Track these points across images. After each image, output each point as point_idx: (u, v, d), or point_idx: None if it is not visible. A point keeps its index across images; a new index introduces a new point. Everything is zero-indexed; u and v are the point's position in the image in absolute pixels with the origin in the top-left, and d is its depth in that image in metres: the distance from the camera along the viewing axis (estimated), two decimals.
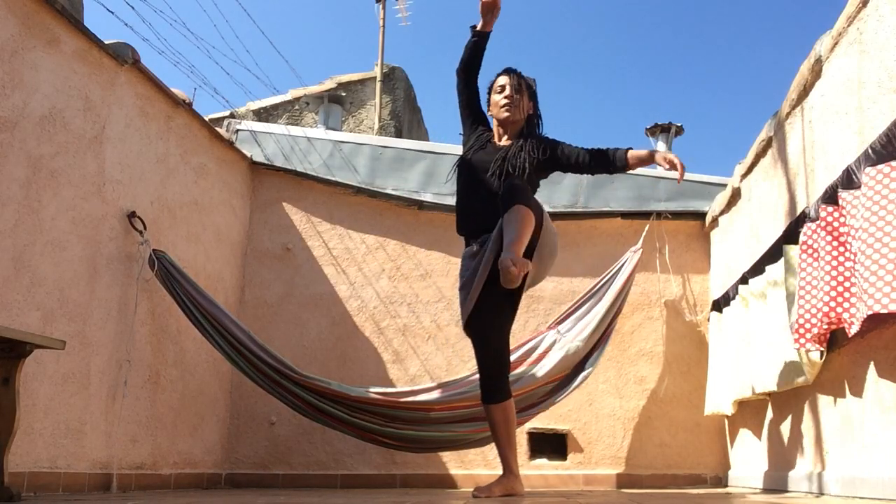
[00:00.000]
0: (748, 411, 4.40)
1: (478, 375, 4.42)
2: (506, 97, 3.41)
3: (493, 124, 3.52)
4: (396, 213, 5.34)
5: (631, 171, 5.41)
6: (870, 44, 2.87)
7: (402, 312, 5.21)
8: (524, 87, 3.45)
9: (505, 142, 3.43)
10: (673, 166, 3.21)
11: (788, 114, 3.76)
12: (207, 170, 4.77)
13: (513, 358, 4.48)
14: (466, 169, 3.41)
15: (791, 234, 3.45)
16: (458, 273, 3.54)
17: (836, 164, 3.11)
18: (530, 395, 4.36)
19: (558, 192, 5.33)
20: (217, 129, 4.99)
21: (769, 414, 4.07)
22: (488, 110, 3.53)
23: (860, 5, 2.93)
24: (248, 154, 5.33)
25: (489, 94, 3.52)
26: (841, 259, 2.84)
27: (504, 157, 3.31)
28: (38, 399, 3.27)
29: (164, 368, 4.23)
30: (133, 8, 4.32)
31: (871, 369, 2.88)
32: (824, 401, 3.34)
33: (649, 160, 3.32)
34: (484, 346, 3.26)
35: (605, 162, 3.34)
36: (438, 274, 5.23)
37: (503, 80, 3.47)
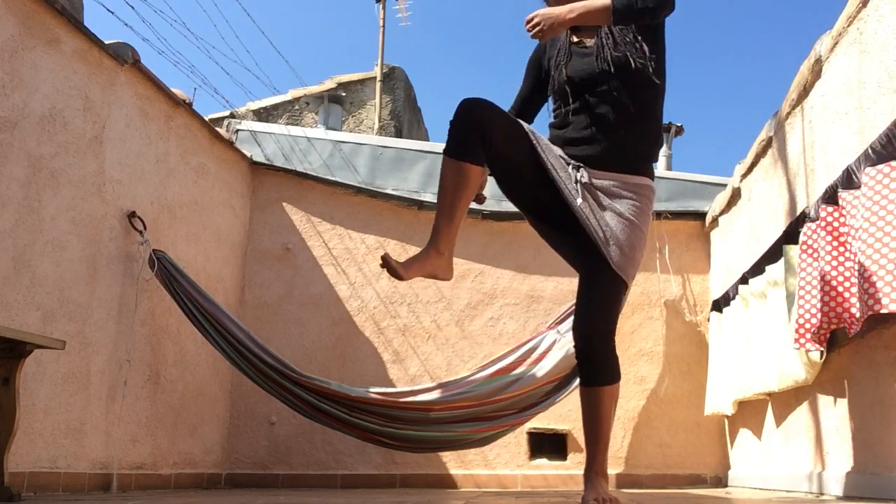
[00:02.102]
0: (748, 411, 4.40)
1: (478, 375, 4.44)
2: None
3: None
4: (396, 213, 5.34)
5: None
6: (870, 44, 2.87)
7: (402, 312, 5.21)
8: None
9: (580, 36, 2.51)
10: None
11: (788, 114, 3.76)
12: (207, 170, 4.77)
13: (512, 358, 4.48)
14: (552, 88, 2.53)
15: (791, 234, 3.45)
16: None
17: (836, 164, 3.11)
18: (530, 395, 4.36)
19: None
20: (217, 129, 4.99)
21: (769, 414, 4.07)
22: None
23: (860, 5, 2.93)
24: (248, 154, 5.33)
25: None
26: (841, 259, 2.84)
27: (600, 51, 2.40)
28: (38, 399, 3.27)
29: (164, 368, 4.23)
30: (133, 8, 4.33)
31: (871, 369, 2.88)
32: (824, 401, 3.34)
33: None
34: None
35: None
36: None
37: None
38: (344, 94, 10.00)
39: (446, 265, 2.36)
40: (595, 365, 2.41)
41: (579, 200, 2.38)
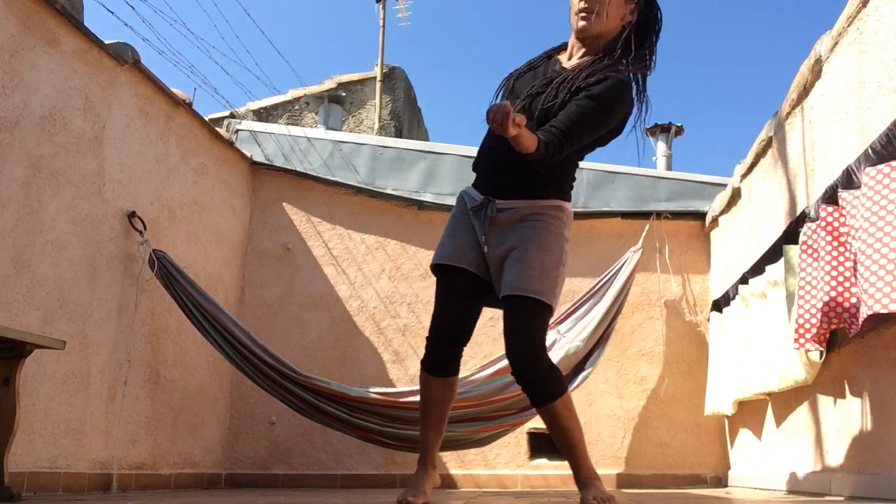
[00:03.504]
0: (748, 411, 4.40)
1: (478, 375, 4.44)
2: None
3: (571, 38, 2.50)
4: (396, 213, 5.34)
5: (631, 172, 5.48)
6: (870, 44, 2.87)
7: (402, 312, 5.21)
8: None
9: (576, 61, 2.43)
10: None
11: (788, 114, 3.76)
12: (207, 170, 4.77)
13: None
14: (504, 96, 2.48)
15: (791, 234, 3.45)
16: None
17: (836, 164, 3.11)
18: None
19: None
20: (217, 129, 4.99)
21: (769, 414, 4.07)
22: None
23: (860, 5, 2.93)
24: (248, 154, 5.33)
25: None
26: (841, 259, 2.84)
27: (551, 81, 2.36)
28: (38, 399, 3.27)
29: (164, 368, 4.23)
30: (133, 8, 4.32)
31: (871, 369, 2.88)
32: (824, 401, 3.34)
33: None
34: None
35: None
36: None
37: None
38: (344, 94, 10.00)
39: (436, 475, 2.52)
40: (536, 387, 2.35)
41: (486, 248, 2.39)
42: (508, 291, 2.32)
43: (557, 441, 2.44)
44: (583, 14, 2.34)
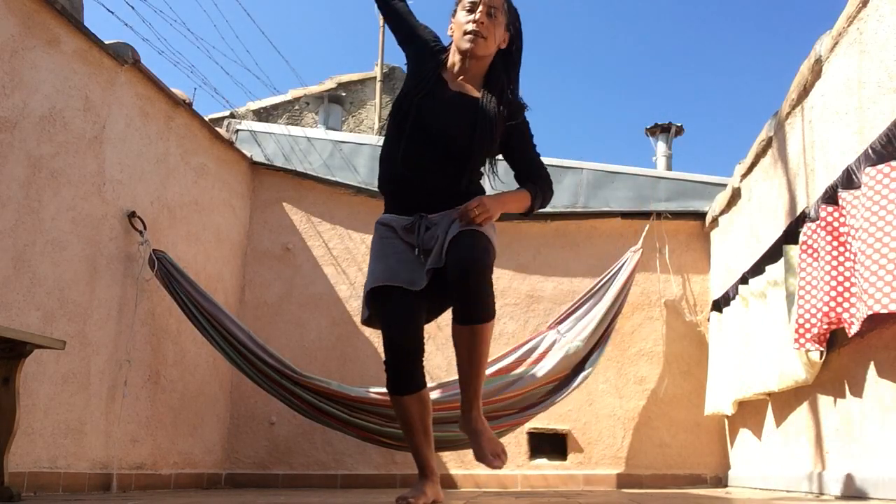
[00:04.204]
0: (748, 411, 4.40)
1: None
2: (474, 21, 2.46)
3: (451, 50, 2.58)
4: None
5: (631, 172, 5.48)
6: (870, 44, 2.87)
7: None
8: (503, 11, 2.52)
9: (461, 82, 2.54)
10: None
11: (788, 114, 3.76)
12: (207, 170, 4.77)
13: (512, 358, 4.49)
14: (414, 117, 2.49)
15: (791, 234, 3.45)
16: None
17: (836, 164, 3.11)
18: (530, 395, 4.36)
19: (558, 191, 5.27)
20: (217, 129, 4.99)
21: (769, 414, 4.07)
22: (448, 30, 2.60)
23: (860, 5, 2.93)
24: (248, 154, 5.33)
25: (456, 4, 2.58)
26: (841, 259, 2.84)
27: (477, 113, 2.47)
28: (38, 399, 3.27)
29: (164, 368, 4.23)
30: (133, 8, 4.32)
31: (871, 369, 2.88)
32: (824, 401, 3.34)
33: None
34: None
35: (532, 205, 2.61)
36: None
37: None
38: (344, 94, 10.00)
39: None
40: (478, 298, 2.33)
41: (417, 251, 2.48)
42: (456, 231, 2.34)
43: (469, 364, 2.45)
44: (471, 36, 2.46)
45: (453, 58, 2.55)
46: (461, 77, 2.54)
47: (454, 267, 2.31)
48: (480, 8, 2.47)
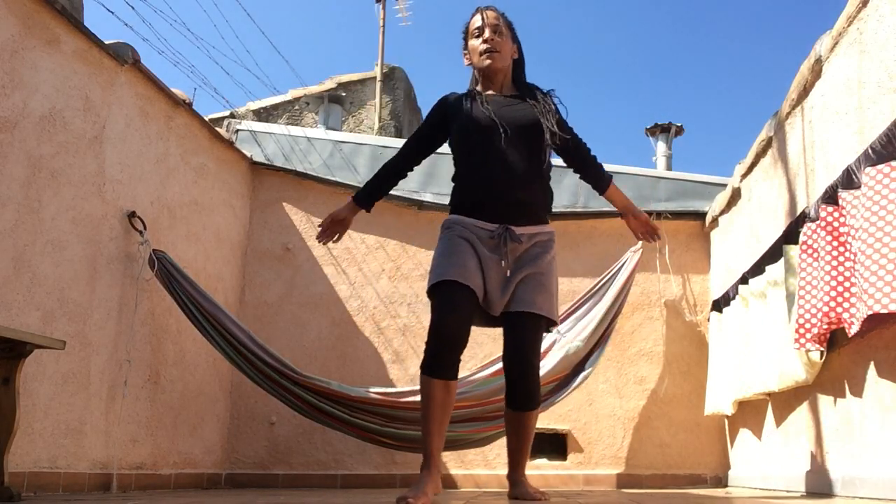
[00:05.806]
0: (748, 411, 4.40)
1: (478, 375, 4.43)
2: (485, 41, 2.77)
3: (473, 75, 2.90)
4: (396, 213, 5.34)
5: (631, 172, 5.47)
6: (870, 44, 2.87)
7: (402, 312, 5.21)
8: (504, 26, 2.82)
9: (497, 91, 2.84)
10: (647, 236, 3.11)
11: (788, 114, 3.76)
12: (207, 170, 4.77)
13: None
14: (478, 128, 2.72)
15: (791, 234, 3.45)
16: None
17: (836, 164, 3.11)
18: None
19: (558, 191, 5.30)
20: (217, 129, 4.99)
21: (769, 414, 4.07)
22: (466, 60, 2.91)
23: (860, 5, 2.93)
24: (248, 154, 5.33)
25: (465, 38, 2.89)
26: (841, 259, 2.84)
27: (527, 102, 2.77)
28: (38, 399, 3.27)
29: (164, 368, 4.23)
30: (133, 8, 4.32)
31: (871, 369, 2.88)
32: (824, 401, 3.34)
33: (623, 206, 3.06)
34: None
35: (598, 174, 2.96)
36: None
37: (478, 20, 2.82)
38: (344, 94, 10.00)
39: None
40: (531, 394, 2.73)
41: (508, 273, 2.67)
42: (527, 308, 2.63)
43: (519, 442, 2.97)
44: (488, 53, 2.77)
45: (479, 82, 2.87)
46: (492, 93, 2.82)
47: (513, 365, 2.67)
48: (486, 29, 2.79)
